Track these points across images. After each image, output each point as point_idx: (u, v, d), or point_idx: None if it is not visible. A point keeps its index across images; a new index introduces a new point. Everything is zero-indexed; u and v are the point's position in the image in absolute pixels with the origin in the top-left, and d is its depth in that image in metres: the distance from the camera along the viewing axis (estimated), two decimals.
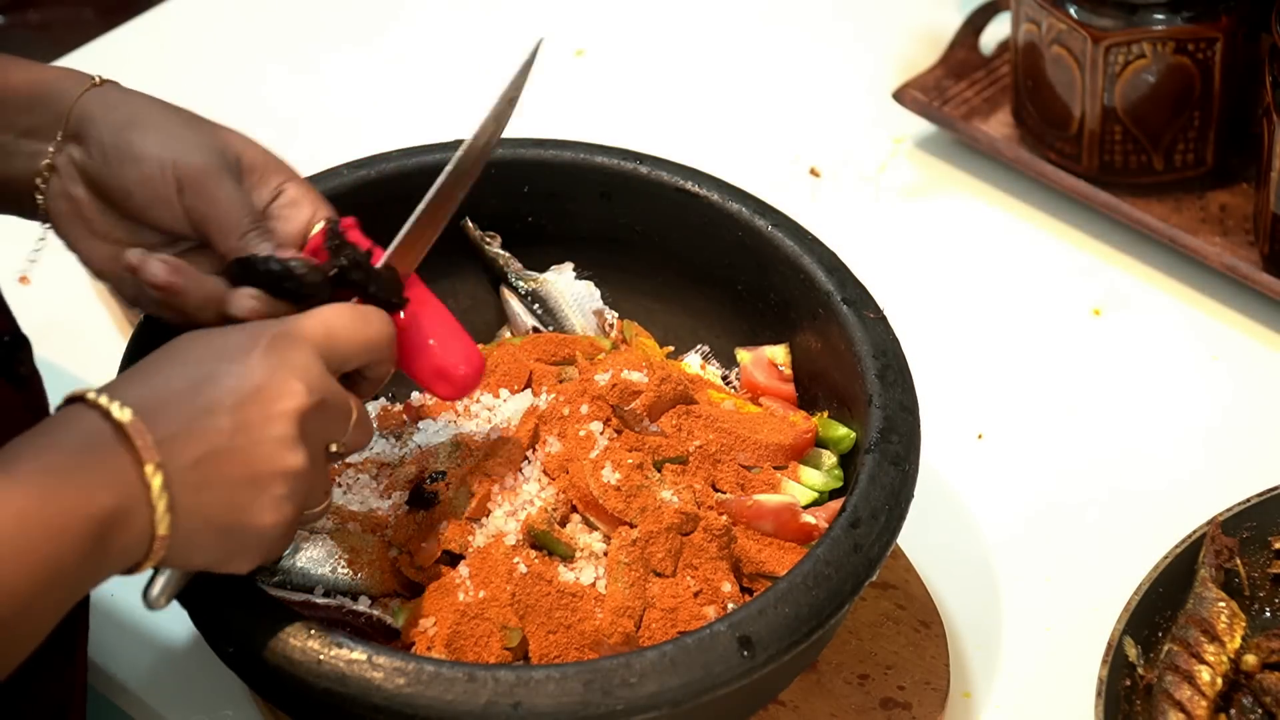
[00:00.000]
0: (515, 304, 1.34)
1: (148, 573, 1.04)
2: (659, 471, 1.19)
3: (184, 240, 1.13)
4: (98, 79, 1.15)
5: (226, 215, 1.11)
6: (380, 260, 1.10)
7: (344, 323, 1.05)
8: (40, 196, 1.15)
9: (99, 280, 1.18)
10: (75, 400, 0.97)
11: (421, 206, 1.13)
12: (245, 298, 1.09)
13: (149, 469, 0.94)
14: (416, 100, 1.71)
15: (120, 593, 1.19)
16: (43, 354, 1.47)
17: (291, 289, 1.08)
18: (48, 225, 1.17)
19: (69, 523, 0.92)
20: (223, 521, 0.98)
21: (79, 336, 1.48)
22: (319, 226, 1.13)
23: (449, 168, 1.14)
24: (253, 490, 0.98)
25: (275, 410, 0.99)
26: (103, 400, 0.95)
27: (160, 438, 0.95)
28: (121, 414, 0.95)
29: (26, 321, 1.35)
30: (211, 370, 0.98)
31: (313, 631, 1.06)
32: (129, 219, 1.13)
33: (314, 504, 1.04)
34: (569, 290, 1.34)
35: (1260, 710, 1.16)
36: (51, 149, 1.13)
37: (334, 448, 1.05)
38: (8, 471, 0.92)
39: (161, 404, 0.96)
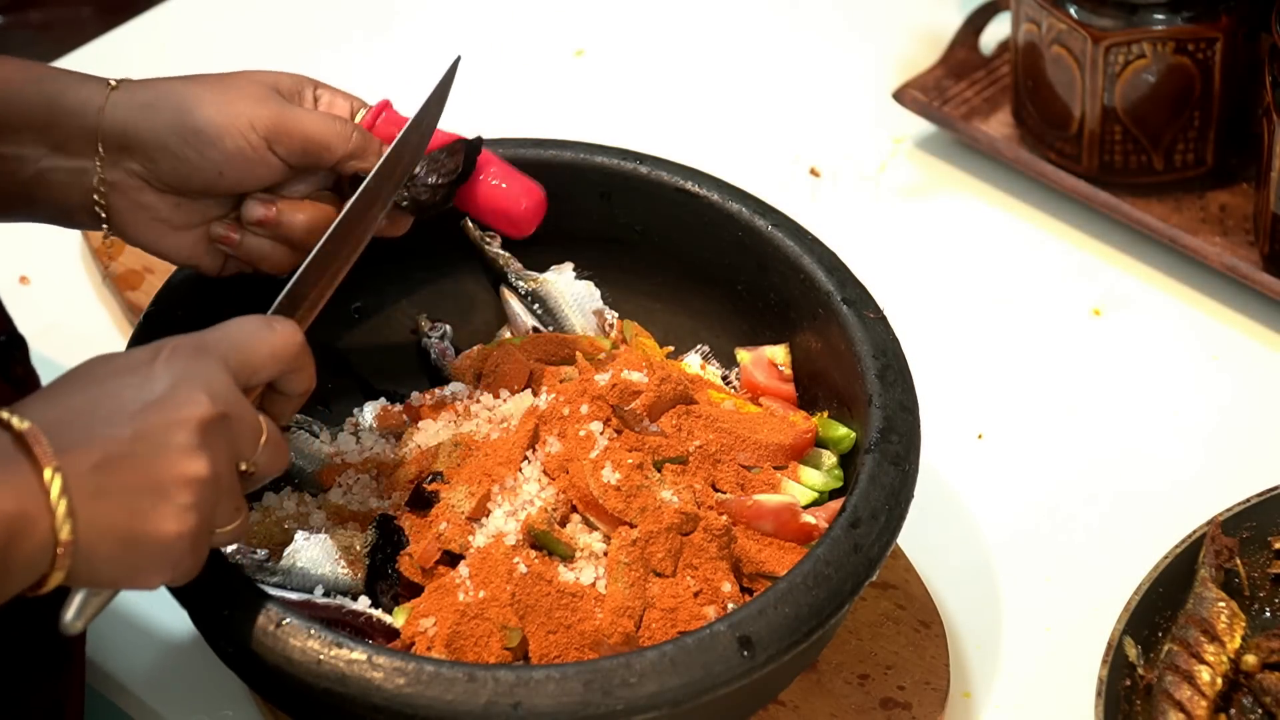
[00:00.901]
0: (515, 304, 1.34)
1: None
2: (659, 471, 1.19)
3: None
4: (112, 83, 1.15)
5: (325, 133, 1.16)
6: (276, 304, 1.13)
7: (247, 333, 1.03)
8: (102, 212, 1.16)
9: (183, 266, 1.21)
10: None
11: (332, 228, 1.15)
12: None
13: (47, 473, 0.93)
14: (416, 100, 1.71)
15: (120, 593, 1.18)
16: (43, 354, 1.47)
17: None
18: (106, 229, 1.18)
19: None
20: (124, 530, 0.95)
21: (79, 337, 1.48)
22: (361, 114, 1.21)
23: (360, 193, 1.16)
24: (153, 498, 0.96)
25: (177, 417, 0.97)
26: (3, 415, 0.94)
27: (59, 447, 0.94)
28: (21, 424, 0.94)
29: (26, 322, 1.35)
30: (113, 385, 0.97)
31: (313, 631, 1.06)
32: (215, 197, 1.17)
33: (224, 521, 1.01)
34: (569, 290, 1.34)
35: (1260, 710, 1.16)
36: (97, 164, 1.14)
37: (244, 466, 1.02)
38: None
39: (61, 418, 0.95)
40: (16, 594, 0.94)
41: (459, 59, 1.23)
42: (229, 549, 1.17)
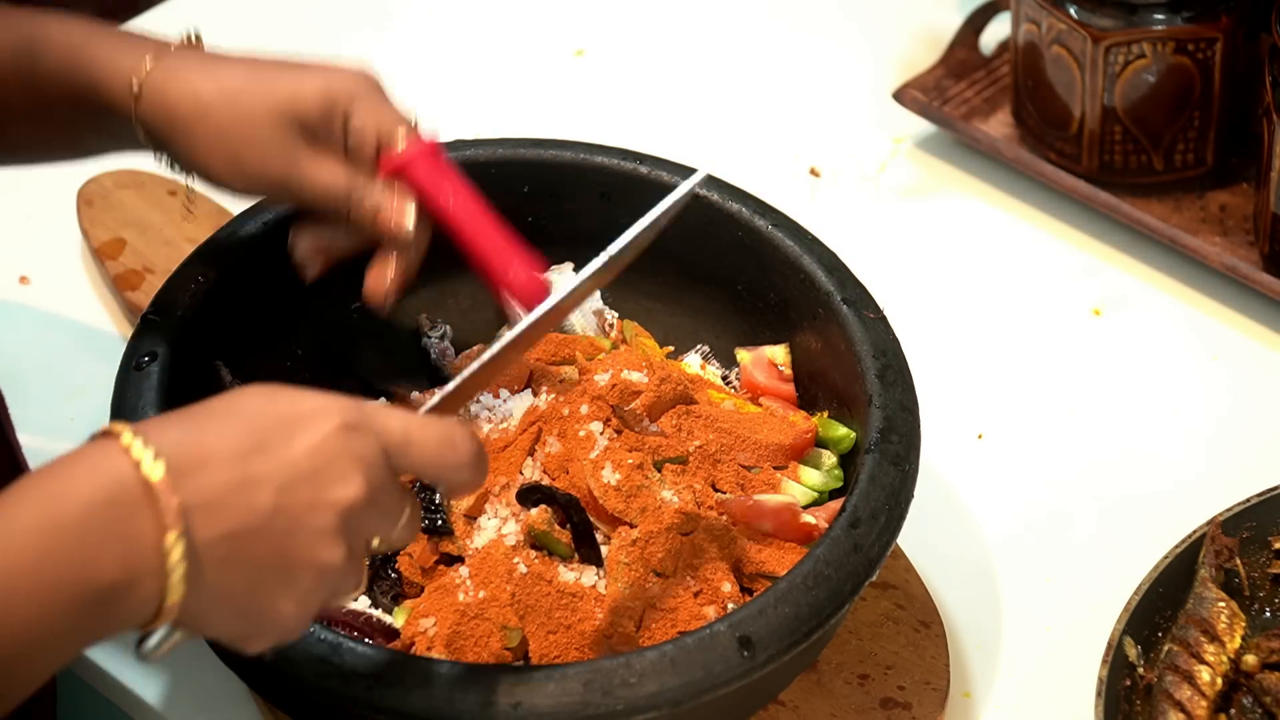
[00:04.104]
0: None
1: None
2: (659, 471, 1.19)
3: None
4: (134, 86, 1.13)
5: (329, 197, 1.14)
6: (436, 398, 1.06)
7: (427, 438, 0.95)
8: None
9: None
10: (109, 434, 0.88)
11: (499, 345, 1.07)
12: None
13: (170, 537, 0.85)
14: (416, 100, 1.71)
15: None
16: (43, 354, 1.47)
17: None
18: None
19: (64, 590, 0.84)
20: (242, 602, 0.89)
21: (79, 337, 1.48)
22: (401, 141, 1.16)
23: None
24: (280, 577, 0.90)
25: (325, 499, 0.90)
26: (136, 448, 0.86)
27: (191, 503, 0.86)
28: (152, 470, 0.86)
29: (26, 322, 1.35)
30: (269, 438, 0.89)
31: (313, 631, 1.06)
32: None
33: (343, 594, 0.94)
34: None
35: (1260, 710, 1.16)
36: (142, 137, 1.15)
37: (376, 542, 0.95)
38: (11, 515, 0.84)
39: (202, 462, 0.87)
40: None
41: (705, 175, 1.17)
42: None
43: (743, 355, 1.32)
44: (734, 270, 1.31)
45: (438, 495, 1.18)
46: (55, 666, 0.87)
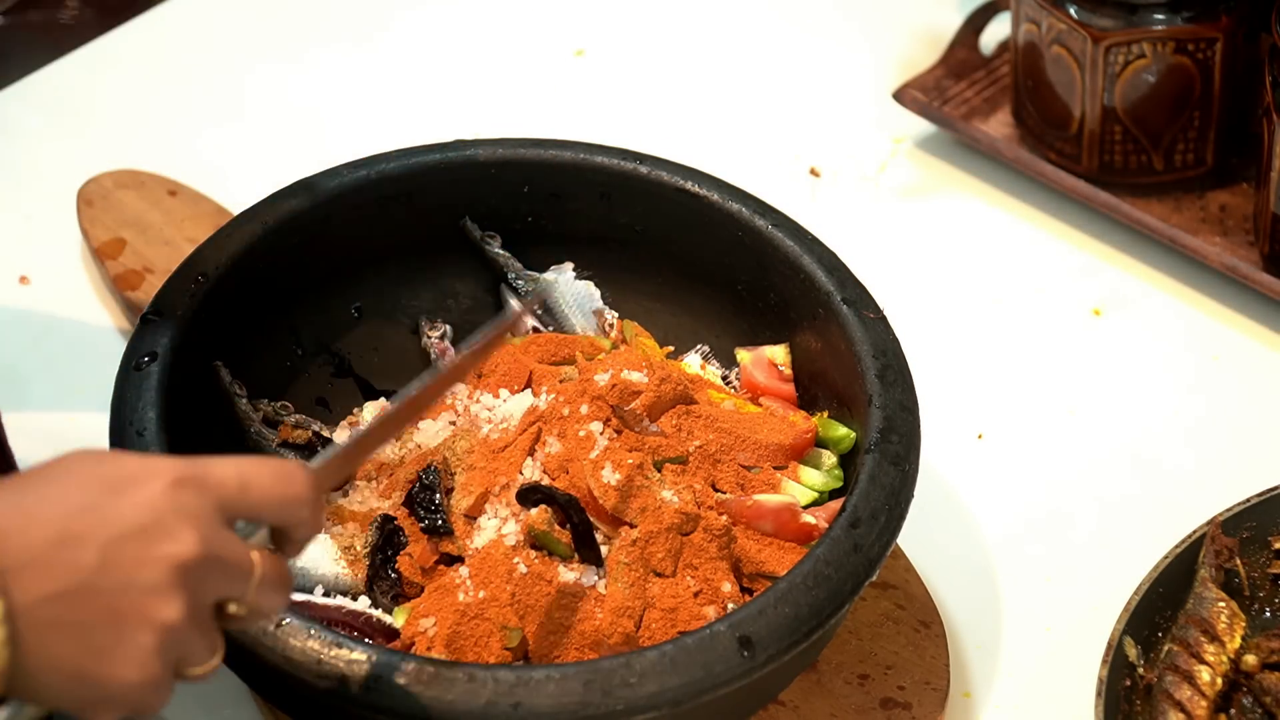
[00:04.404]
0: (515, 304, 1.34)
1: None
2: (659, 471, 1.19)
3: None
4: None
5: None
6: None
7: (261, 476, 0.93)
8: None
9: None
10: None
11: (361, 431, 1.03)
12: None
13: None
14: (416, 100, 1.71)
15: None
16: (43, 354, 1.47)
17: None
18: None
19: None
20: (75, 666, 0.86)
21: (79, 337, 1.48)
22: None
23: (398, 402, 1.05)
24: (114, 637, 0.86)
25: (155, 553, 0.87)
26: None
27: (10, 565, 0.85)
28: None
29: (26, 322, 1.35)
30: (95, 499, 0.88)
31: (313, 631, 1.06)
32: None
33: (195, 663, 0.91)
34: (569, 290, 1.34)
35: (1260, 710, 1.16)
36: None
37: (233, 608, 0.92)
38: None
39: (23, 524, 0.86)
40: None
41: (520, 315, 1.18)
42: None
43: (743, 355, 1.32)
44: (734, 270, 1.31)
45: (437, 495, 1.18)
46: None
